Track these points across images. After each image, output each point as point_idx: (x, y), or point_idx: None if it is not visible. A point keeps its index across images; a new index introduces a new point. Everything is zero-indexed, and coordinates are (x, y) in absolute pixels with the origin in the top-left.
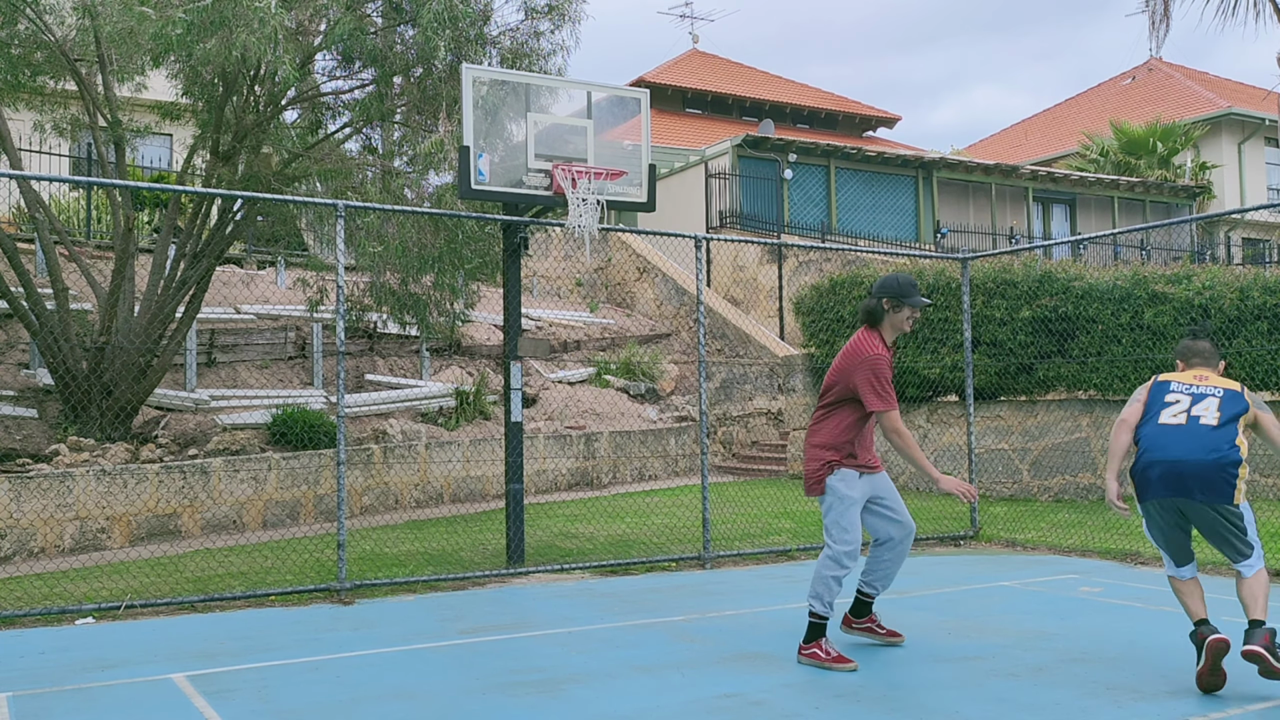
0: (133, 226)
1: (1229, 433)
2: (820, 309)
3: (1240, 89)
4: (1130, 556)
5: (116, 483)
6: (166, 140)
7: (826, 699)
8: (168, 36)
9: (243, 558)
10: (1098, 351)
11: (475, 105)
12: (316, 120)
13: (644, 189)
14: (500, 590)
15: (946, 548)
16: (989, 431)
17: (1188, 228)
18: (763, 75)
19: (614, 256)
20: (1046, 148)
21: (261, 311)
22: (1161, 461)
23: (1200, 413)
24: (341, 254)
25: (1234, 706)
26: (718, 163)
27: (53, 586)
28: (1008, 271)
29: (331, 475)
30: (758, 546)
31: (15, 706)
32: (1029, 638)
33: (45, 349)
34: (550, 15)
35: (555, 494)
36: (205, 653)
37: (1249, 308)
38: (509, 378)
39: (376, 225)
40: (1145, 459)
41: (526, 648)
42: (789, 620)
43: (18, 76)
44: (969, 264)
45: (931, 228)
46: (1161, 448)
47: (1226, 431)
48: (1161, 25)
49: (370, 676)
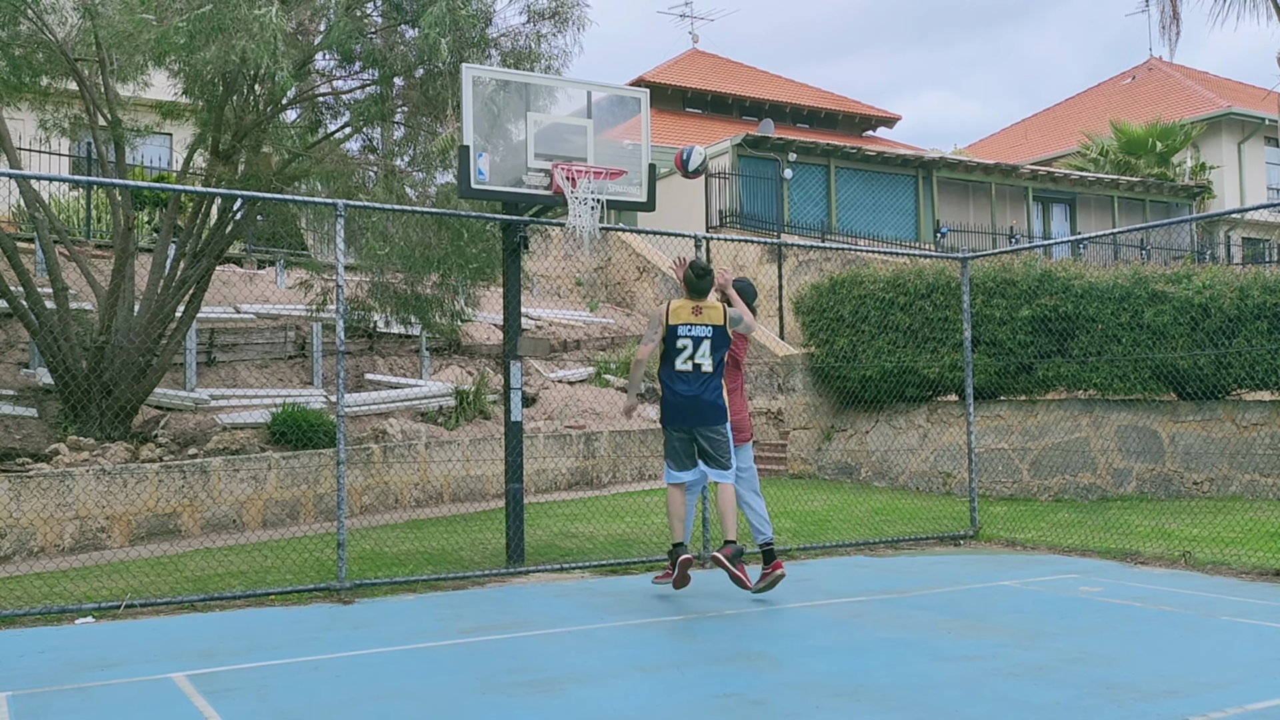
0: (133, 226)
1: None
2: (820, 308)
3: (1240, 89)
4: (1130, 556)
5: (116, 482)
6: (166, 140)
7: (826, 699)
8: (169, 43)
9: (243, 557)
10: (1098, 351)
11: (476, 105)
12: (316, 120)
13: (644, 189)
14: (500, 590)
15: (946, 547)
16: (989, 431)
17: (1188, 227)
18: (763, 75)
19: (614, 256)
20: (1046, 147)
21: (261, 311)
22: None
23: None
24: (341, 254)
25: (1234, 706)
26: (718, 162)
27: (52, 586)
28: (1007, 271)
29: (331, 474)
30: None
31: (15, 706)
32: (1029, 638)
33: (45, 348)
34: (553, 19)
35: (555, 493)
36: (205, 652)
37: (1249, 307)
38: (509, 377)
39: (381, 225)
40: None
41: (526, 648)
42: (789, 620)
43: (20, 77)
44: (969, 263)
45: (931, 227)
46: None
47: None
48: (1171, 27)
49: (370, 676)
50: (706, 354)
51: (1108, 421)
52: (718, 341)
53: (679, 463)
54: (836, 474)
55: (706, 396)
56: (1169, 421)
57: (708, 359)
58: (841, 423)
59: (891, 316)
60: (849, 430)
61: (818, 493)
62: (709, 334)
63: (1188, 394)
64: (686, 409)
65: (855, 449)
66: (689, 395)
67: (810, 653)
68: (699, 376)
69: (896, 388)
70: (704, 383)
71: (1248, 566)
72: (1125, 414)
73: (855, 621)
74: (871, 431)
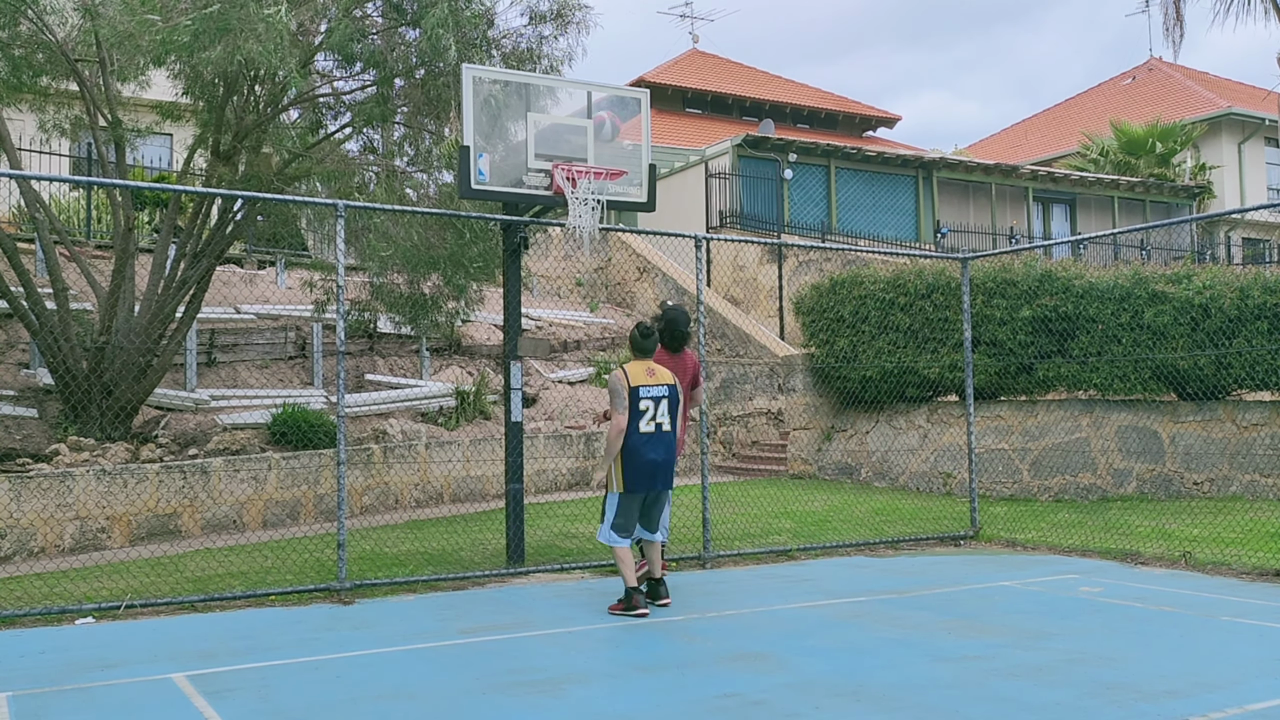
0: (133, 226)
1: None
2: (820, 309)
3: (1240, 89)
4: (1130, 556)
5: (116, 482)
6: (166, 140)
7: (826, 699)
8: (175, 43)
9: (243, 557)
10: (1098, 351)
11: (476, 105)
12: (317, 120)
13: (644, 189)
14: (500, 590)
15: (946, 547)
16: (989, 431)
17: (1188, 228)
18: (763, 75)
19: (614, 256)
20: (1046, 148)
21: (261, 311)
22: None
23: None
24: (341, 254)
25: (1234, 706)
26: (718, 163)
27: (53, 586)
28: (1008, 271)
29: (331, 475)
30: (757, 546)
31: (15, 706)
32: (1029, 638)
33: (45, 349)
34: (555, 21)
35: (555, 494)
36: (205, 652)
37: (1249, 307)
38: (509, 377)
39: (383, 226)
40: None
41: (526, 648)
42: (789, 620)
43: (20, 77)
44: (969, 264)
45: (931, 227)
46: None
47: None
48: (1175, 29)
49: (370, 676)
50: (665, 413)
51: (1108, 422)
52: (674, 400)
53: (625, 530)
54: (837, 474)
55: (669, 460)
56: (1169, 422)
57: (667, 417)
58: (842, 423)
59: (892, 317)
60: (849, 430)
61: (818, 493)
62: (666, 393)
63: (1188, 394)
64: (655, 473)
65: (855, 449)
66: (658, 461)
67: (810, 653)
68: (663, 438)
69: (897, 388)
70: (668, 445)
71: (1248, 567)
72: (1125, 414)
73: (855, 621)
74: (872, 432)
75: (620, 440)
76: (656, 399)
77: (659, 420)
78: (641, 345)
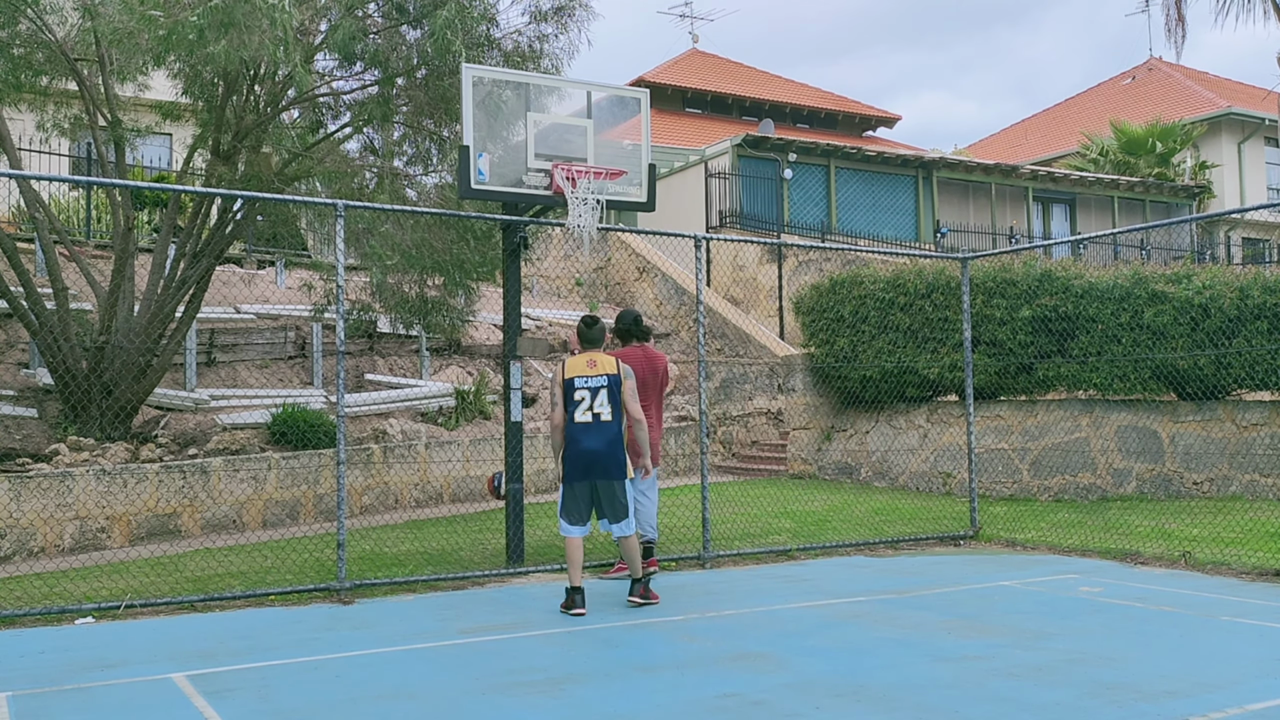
0: (133, 226)
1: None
2: (820, 308)
3: (1240, 89)
4: (1130, 556)
5: (116, 482)
6: (166, 140)
7: (826, 699)
8: (180, 39)
9: (242, 557)
10: (1098, 351)
11: (476, 105)
12: (317, 120)
13: (644, 189)
14: (500, 590)
15: (946, 547)
16: (989, 431)
17: (1188, 228)
18: (763, 75)
19: (614, 256)
20: (1046, 147)
21: (261, 311)
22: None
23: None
24: (341, 254)
25: (1234, 706)
26: (718, 162)
27: (53, 586)
28: (1007, 271)
29: (331, 475)
30: (757, 546)
31: (15, 706)
32: (1029, 638)
33: (45, 349)
34: (555, 19)
35: (555, 494)
36: (205, 652)
37: (1249, 307)
38: (509, 377)
39: (393, 233)
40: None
41: (526, 648)
42: (789, 620)
43: (19, 77)
44: (969, 263)
45: (931, 227)
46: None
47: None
48: (1177, 30)
49: (370, 676)
50: (605, 403)
51: (1108, 421)
52: (614, 390)
53: (574, 517)
54: (836, 474)
55: (609, 450)
56: (1169, 421)
57: (606, 407)
58: (841, 423)
59: (891, 317)
60: (849, 430)
61: (818, 493)
62: (605, 383)
63: (1188, 394)
64: (590, 464)
65: (855, 449)
66: (592, 450)
67: (810, 653)
68: (600, 427)
69: (896, 388)
70: (606, 436)
71: (1248, 566)
72: (1125, 414)
73: (855, 621)
74: (871, 432)
75: (557, 435)
76: (594, 389)
77: (597, 410)
78: (587, 335)
